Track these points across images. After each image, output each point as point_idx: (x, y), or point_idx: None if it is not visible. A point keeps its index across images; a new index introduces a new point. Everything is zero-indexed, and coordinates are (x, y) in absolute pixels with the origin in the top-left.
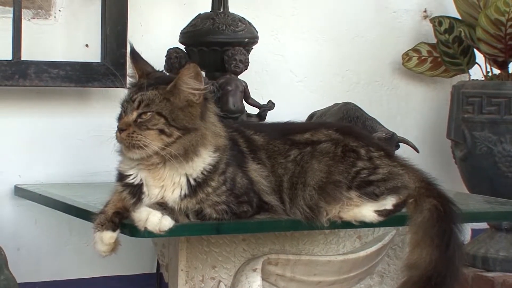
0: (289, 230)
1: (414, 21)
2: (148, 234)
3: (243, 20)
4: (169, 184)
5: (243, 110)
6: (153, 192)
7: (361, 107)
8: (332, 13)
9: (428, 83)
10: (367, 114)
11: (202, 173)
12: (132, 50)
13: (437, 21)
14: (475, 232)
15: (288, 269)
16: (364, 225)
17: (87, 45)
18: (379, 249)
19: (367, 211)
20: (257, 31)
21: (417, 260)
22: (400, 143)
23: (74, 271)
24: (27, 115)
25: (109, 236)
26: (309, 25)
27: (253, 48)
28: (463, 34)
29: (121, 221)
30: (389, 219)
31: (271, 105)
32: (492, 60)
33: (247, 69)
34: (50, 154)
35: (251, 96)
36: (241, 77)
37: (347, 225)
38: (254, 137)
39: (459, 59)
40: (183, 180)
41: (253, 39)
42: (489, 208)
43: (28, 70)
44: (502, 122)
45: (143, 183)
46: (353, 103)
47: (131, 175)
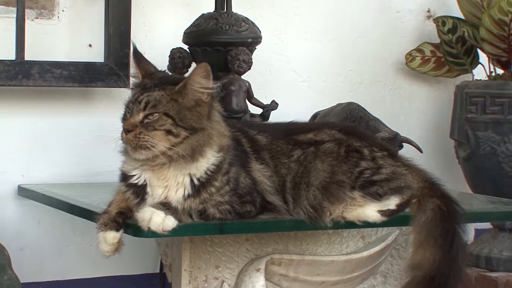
0: (293, 230)
1: (417, 21)
2: (151, 234)
3: (246, 20)
4: (172, 184)
5: (246, 110)
6: (156, 192)
7: (364, 107)
8: (335, 13)
9: (431, 83)
10: (370, 114)
11: (206, 173)
12: (134, 50)
13: (441, 21)
14: (478, 232)
15: (291, 269)
16: (367, 225)
17: (90, 45)
18: (383, 249)
19: (371, 211)
20: (261, 31)
21: (420, 260)
22: (403, 143)
23: (77, 271)
24: (30, 115)
25: (113, 236)
26: (312, 25)
27: (256, 48)
28: (466, 34)
29: (125, 221)
30: (392, 219)
31: (274, 105)
32: (495, 60)
33: (250, 69)
34: (53, 154)
35: (254, 96)
36: (244, 77)
37: (351, 225)
38: (257, 137)
39: (463, 59)
40: (187, 180)
41: (257, 39)
42: (493, 208)
43: (31, 70)
44: (505, 122)
45: (147, 184)
46: (356, 103)
47: (134, 175)
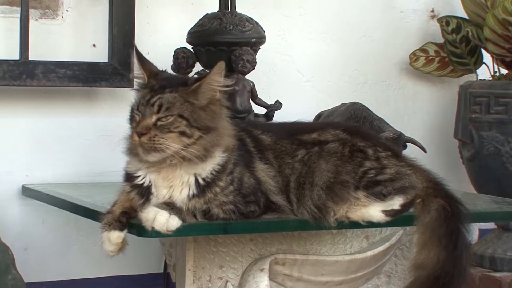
0: (297, 230)
1: (421, 21)
2: (155, 234)
3: (250, 20)
4: (177, 184)
5: (250, 110)
6: (161, 192)
7: (369, 107)
8: (339, 13)
9: (435, 83)
10: (375, 114)
11: (211, 173)
12: (137, 51)
13: (445, 21)
14: (482, 232)
15: (295, 269)
16: (371, 225)
17: (94, 45)
18: (387, 249)
19: (375, 211)
20: (265, 31)
21: (424, 260)
22: (407, 143)
23: (81, 271)
24: (34, 115)
25: (117, 236)
26: (316, 25)
27: (260, 48)
28: (470, 34)
29: (129, 221)
30: (396, 219)
31: (278, 105)
32: (499, 60)
33: (254, 69)
34: (57, 154)
35: (259, 96)
36: (248, 77)
37: (355, 225)
38: (261, 137)
39: (467, 59)
40: (192, 180)
41: (261, 39)
42: (497, 208)
43: (35, 70)
44: (509, 122)
45: (151, 184)
46: (360, 103)
47: (139, 176)
